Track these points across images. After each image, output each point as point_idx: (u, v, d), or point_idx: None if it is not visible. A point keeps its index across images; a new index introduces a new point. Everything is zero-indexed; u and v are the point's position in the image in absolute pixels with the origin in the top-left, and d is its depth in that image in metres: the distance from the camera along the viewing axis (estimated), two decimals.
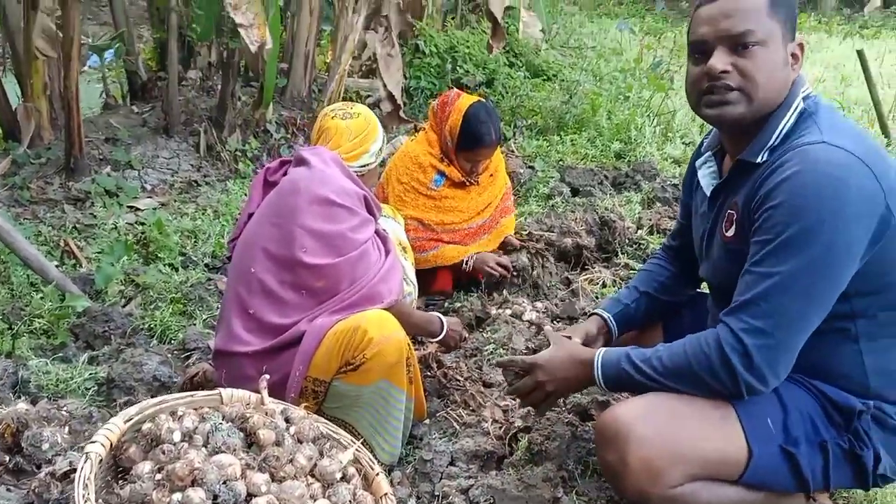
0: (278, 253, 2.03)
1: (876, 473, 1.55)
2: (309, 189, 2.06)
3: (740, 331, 1.44)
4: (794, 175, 1.42)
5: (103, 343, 2.75)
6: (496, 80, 6.77)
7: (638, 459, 1.49)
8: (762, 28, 1.49)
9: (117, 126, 4.99)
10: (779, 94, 1.53)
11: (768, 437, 1.51)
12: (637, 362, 1.58)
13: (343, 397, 1.99)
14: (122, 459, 1.47)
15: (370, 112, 2.39)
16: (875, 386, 1.54)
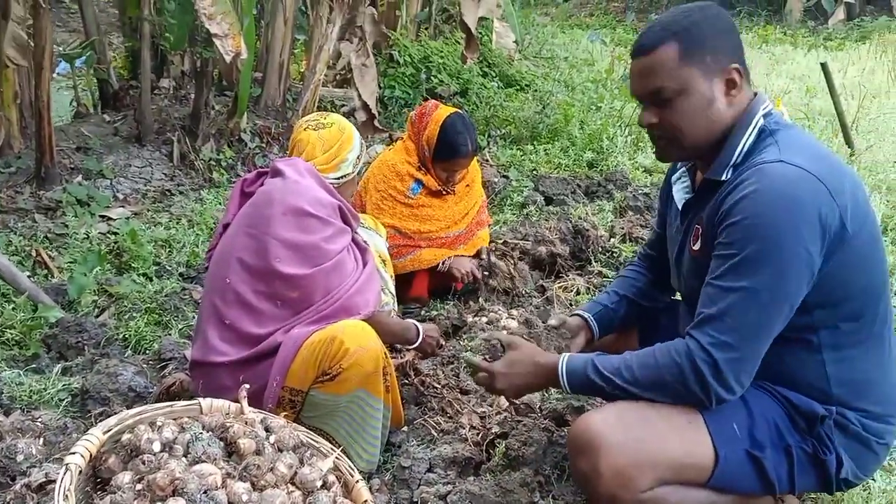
0: (253, 263, 2.04)
1: (839, 478, 1.59)
2: (283, 200, 2.07)
3: (709, 345, 1.49)
4: (752, 193, 1.48)
5: (76, 354, 2.72)
6: (470, 90, 6.83)
7: (609, 467, 1.52)
8: (676, 80, 1.55)
9: (89, 135, 4.95)
10: (715, 128, 1.58)
11: (734, 441, 1.55)
12: (604, 371, 1.61)
13: (320, 406, 2.00)
14: (101, 470, 1.46)
15: (345, 122, 2.39)
16: (837, 394, 1.58)
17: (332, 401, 1.98)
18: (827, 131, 5.56)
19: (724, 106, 1.58)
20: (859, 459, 1.60)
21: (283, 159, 2.26)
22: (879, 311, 1.60)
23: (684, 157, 1.74)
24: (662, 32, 1.57)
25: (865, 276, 1.55)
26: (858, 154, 4.81)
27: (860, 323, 1.57)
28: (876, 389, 1.61)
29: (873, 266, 1.58)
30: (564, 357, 1.70)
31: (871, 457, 1.63)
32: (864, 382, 1.60)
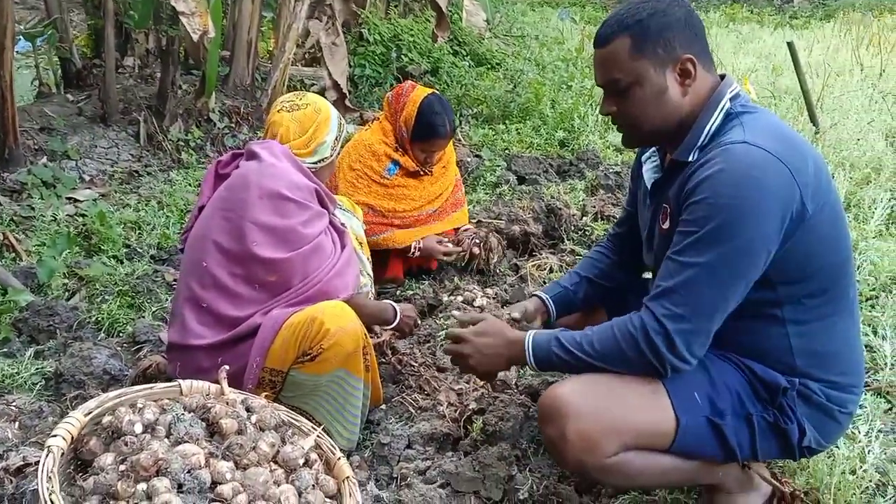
0: (230, 247, 2.03)
1: (801, 446, 1.65)
2: (259, 183, 2.05)
3: (663, 316, 1.54)
4: (715, 173, 1.52)
5: (48, 337, 2.69)
6: (441, 69, 6.81)
7: (575, 433, 1.57)
8: (629, 72, 1.62)
9: (52, 115, 4.84)
10: (671, 115, 1.64)
11: (695, 409, 1.60)
12: (566, 345, 1.66)
13: (300, 386, 2.01)
14: (82, 452, 1.46)
15: (323, 102, 2.35)
16: (801, 365, 1.63)
17: (312, 381, 1.99)
18: (792, 109, 5.65)
19: (678, 95, 1.63)
20: (822, 428, 1.66)
21: (259, 142, 2.23)
22: (843, 286, 1.65)
23: (645, 143, 1.80)
24: (616, 26, 1.63)
25: (828, 253, 1.60)
26: (823, 132, 4.90)
27: (824, 298, 1.62)
28: (839, 361, 1.66)
29: (836, 244, 1.62)
30: (531, 333, 1.75)
31: (834, 426, 1.68)
32: (828, 354, 1.65)
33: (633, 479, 1.68)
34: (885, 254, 3.21)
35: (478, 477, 1.88)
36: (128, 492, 1.32)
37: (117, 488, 1.32)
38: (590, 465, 1.59)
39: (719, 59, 7.31)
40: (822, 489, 1.91)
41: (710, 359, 1.65)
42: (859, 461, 1.99)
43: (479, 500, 1.86)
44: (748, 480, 1.78)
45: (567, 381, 1.67)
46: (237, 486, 1.41)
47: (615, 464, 1.59)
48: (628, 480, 1.72)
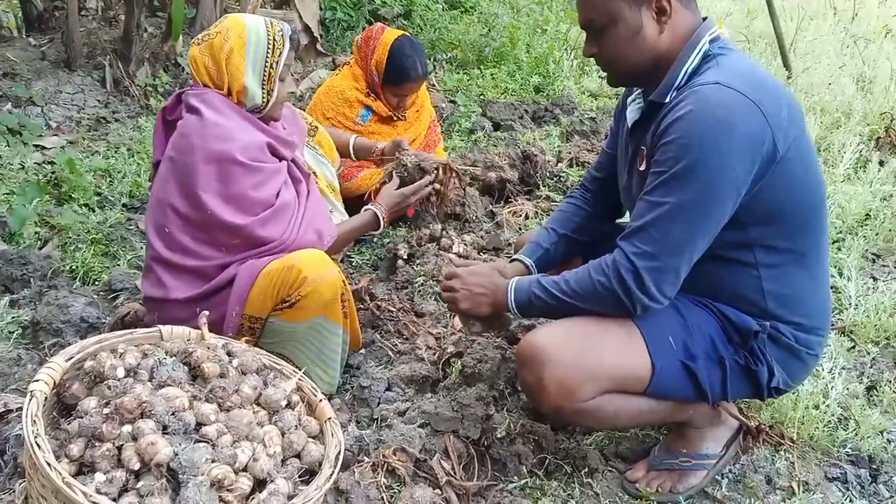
0: (188, 213, 1.96)
1: (770, 386, 1.71)
2: (203, 147, 1.93)
3: (632, 254, 1.57)
4: (686, 114, 1.53)
5: (22, 286, 2.66)
6: (414, 12, 6.66)
7: (552, 379, 1.61)
8: (604, 12, 1.63)
9: (14, 59, 4.68)
10: (646, 54, 1.64)
11: (669, 353, 1.65)
12: (545, 286, 1.70)
13: (280, 333, 2.02)
14: (65, 397, 1.47)
15: (243, 25, 2.01)
16: (772, 308, 1.68)
17: (291, 327, 2.00)
18: (766, 53, 5.66)
19: (654, 33, 1.63)
20: (789, 369, 1.72)
21: (194, 90, 2.02)
22: (814, 231, 1.69)
23: (626, 83, 1.80)
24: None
25: (798, 196, 1.62)
26: (795, 76, 4.93)
27: (795, 242, 1.66)
28: (808, 304, 1.72)
29: (807, 188, 1.64)
30: (514, 279, 1.80)
31: (801, 366, 1.74)
32: (798, 298, 1.70)
33: (608, 421, 1.74)
34: (852, 197, 3.29)
35: (456, 417, 1.92)
36: (113, 433, 1.34)
37: (102, 430, 1.34)
38: (566, 410, 1.64)
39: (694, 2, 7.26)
40: (787, 423, 2.00)
41: (685, 304, 1.69)
42: (822, 397, 2.08)
43: (458, 438, 1.91)
44: (716, 416, 1.85)
45: (544, 327, 1.70)
46: (221, 427, 1.43)
47: (591, 408, 1.64)
48: (603, 422, 1.78)
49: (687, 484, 1.83)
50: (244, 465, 1.41)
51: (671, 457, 1.84)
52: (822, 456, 1.96)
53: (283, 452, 1.51)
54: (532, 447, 1.93)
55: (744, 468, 1.89)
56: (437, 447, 1.87)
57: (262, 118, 2.08)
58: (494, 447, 1.92)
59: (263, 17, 2.06)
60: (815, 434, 1.99)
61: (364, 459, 1.79)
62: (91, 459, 1.33)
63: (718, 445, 1.86)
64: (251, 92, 2.02)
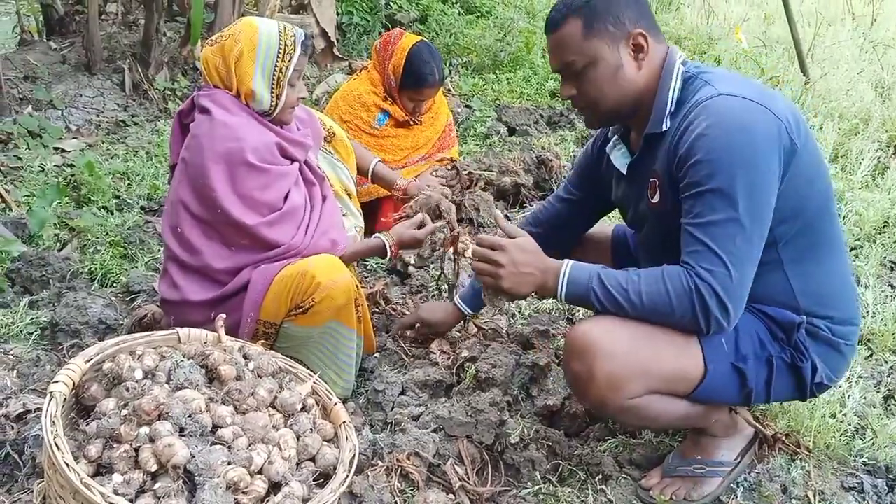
0: (200, 213, 1.98)
1: (814, 382, 1.70)
2: (212, 147, 1.94)
3: (709, 277, 1.53)
4: (705, 130, 1.53)
5: (41, 288, 2.70)
6: (430, 17, 6.70)
7: (603, 372, 1.59)
8: (583, 54, 1.65)
9: (36, 63, 4.75)
10: (628, 91, 1.67)
11: (722, 355, 1.64)
12: (609, 287, 1.62)
13: (294, 338, 2.03)
14: (84, 398, 1.49)
15: (255, 28, 2.00)
16: (804, 305, 1.68)
17: (305, 332, 2.01)
18: (784, 59, 5.63)
19: (633, 70, 1.67)
20: (830, 363, 1.71)
21: (205, 92, 2.04)
22: (827, 222, 1.71)
23: (607, 122, 1.83)
24: (565, 9, 1.66)
25: (813, 188, 1.64)
26: (813, 82, 4.89)
27: (814, 236, 1.67)
28: (837, 297, 1.72)
29: (819, 180, 1.67)
30: (569, 263, 1.69)
31: (840, 358, 1.74)
32: (826, 292, 1.71)
33: (647, 420, 1.75)
34: (870, 204, 3.26)
35: (470, 422, 1.93)
36: (131, 435, 1.35)
37: (120, 431, 1.36)
38: (611, 405, 1.63)
39: (710, 7, 7.24)
40: (803, 432, 1.98)
41: None
42: (839, 406, 2.06)
43: (472, 443, 1.91)
44: (733, 425, 1.85)
45: (599, 318, 1.67)
46: (237, 430, 1.44)
47: (635, 405, 1.64)
48: (643, 421, 1.78)
49: (701, 491, 1.82)
50: (259, 467, 1.42)
51: (686, 464, 1.84)
52: (839, 465, 1.95)
53: (297, 456, 1.52)
54: (546, 453, 1.93)
55: (759, 477, 1.87)
56: (451, 452, 1.88)
57: (271, 121, 2.07)
58: (508, 453, 1.92)
59: (278, 22, 2.07)
60: (831, 443, 1.98)
61: (378, 463, 1.80)
62: (109, 461, 1.35)
63: (733, 453, 1.85)
64: (259, 95, 2.02)
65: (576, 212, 2.13)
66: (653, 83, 1.68)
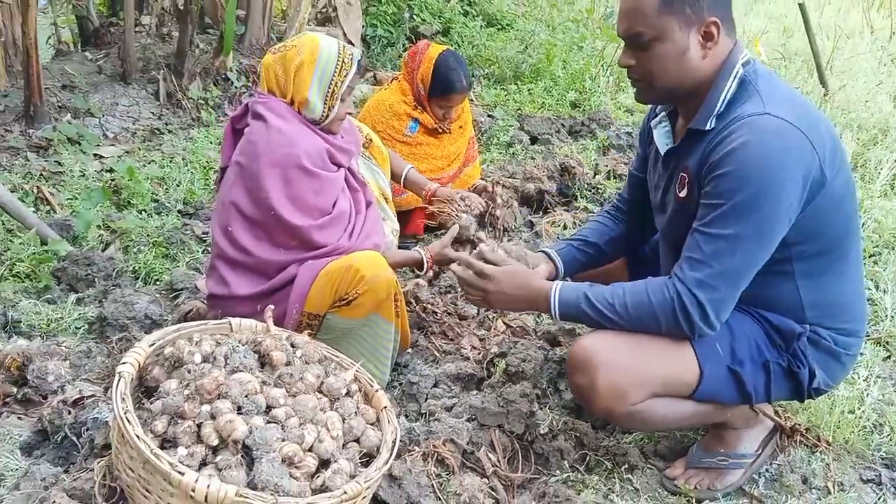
0: (251, 213, 2.09)
1: (811, 387, 1.78)
2: (268, 153, 2.05)
3: (696, 286, 1.62)
4: (741, 146, 1.58)
5: (87, 286, 2.82)
6: (452, 29, 6.83)
7: (605, 383, 1.68)
8: (653, 27, 1.64)
9: (73, 73, 4.92)
10: (687, 76, 1.68)
11: (717, 358, 1.72)
12: (596, 304, 1.72)
13: (336, 329, 2.14)
14: (146, 380, 1.60)
15: (317, 43, 2.14)
16: (811, 316, 1.75)
17: (347, 324, 2.12)
18: (802, 72, 5.70)
19: (698, 57, 1.67)
20: (829, 370, 1.78)
21: (260, 99, 2.16)
22: (849, 242, 1.75)
23: (657, 101, 1.84)
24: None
25: (839, 215, 1.69)
26: (832, 94, 4.96)
27: (831, 255, 1.73)
28: (845, 310, 1.78)
29: (846, 205, 1.71)
30: (557, 285, 1.80)
31: (840, 367, 1.81)
32: (835, 305, 1.77)
33: (656, 423, 1.82)
34: (888, 212, 3.33)
35: (502, 412, 2.02)
36: (194, 412, 1.46)
37: (184, 409, 1.46)
38: (617, 413, 1.72)
39: None
40: (822, 427, 2.05)
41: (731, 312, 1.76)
42: (858, 402, 2.13)
43: (503, 433, 2.00)
44: (753, 417, 1.92)
45: (596, 333, 1.77)
46: (289, 410, 1.54)
47: (640, 411, 1.72)
48: (650, 425, 1.86)
49: (725, 482, 1.89)
50: (310, 445, 1.52)
51: (709, 456, 1.91)
52: (857, 459, 2.01)
53: (343, 437, 1.61)
54: (573, 444, 2.02)
55: (780, 468, 1.94)
56: (484, 440, 1.97)
57: (320, 129, 2.19)
58: (538, 442, 2.01)
59: (337, 41, 2.19)
60: (850, 438, 2.04)
61: (415, 449, 1.89)
62: (173, 435, 1.45)
63: (755, 445, 1.92)
64: (312, 105, 2.14)
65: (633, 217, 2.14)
66: (712, 75, 1.68)
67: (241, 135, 2.17)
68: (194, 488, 1.32)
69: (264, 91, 2.19)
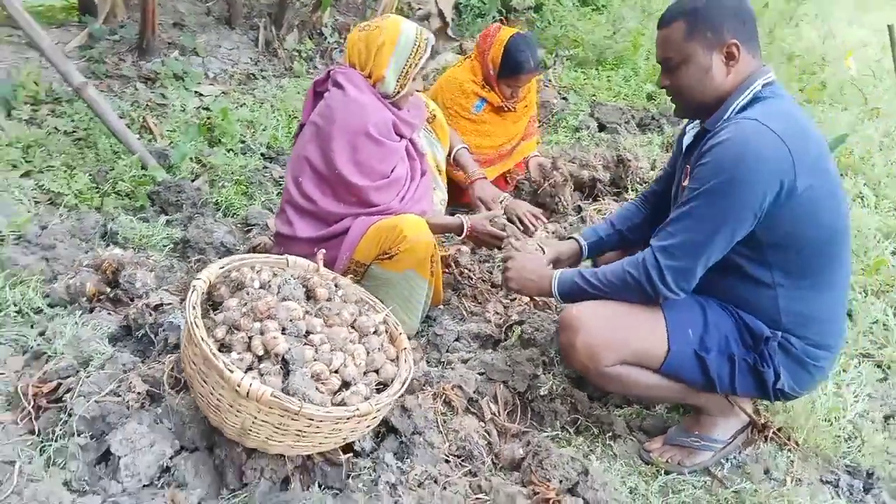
0: (321, 169, 2.40)
1: (776, 388, 1.98)
2: (343, 119, 2.34)
3: (658, 252, 1.90)
4: (724, 141, 1.82)
5: (176, 210, 3.22)
6: (545, 6, 6.91)
7: (582, 343, 1.97)
8: (680, 53, 1.93)
9: (183, 12, 5.33)
10: (710, 91, 1.93)
11: (686, 341, 1.96)
12: (586, 276, 2.05)
13: (377, 278, 2.45)
14: (214, 296, 1.95)
15: (395, 27, 2.40)
16: (786, 323, 1.95)
17: (387, 275, 2.43)
18: (891, 91, 5.62)
19: (722, 74, 1.92)
20: (796, 377, 1.99)
21: (341, 69, 2.44)
22: (830, 263, 1.93)
23: (691, 115, 2.08)
24: (675, 11, 1.94)
25: (814, 229, 1.88)
26: None
27: (810, 268, 1.91)
28: (820, 324, 1.97)
29: (822, 223, 1.88)
30: (559, 271, 2.16)
31: (807, 376, 2.01)
32: (811, 317, 1.96)
33: (626, 387, 2.08)
34: None
35: (508, 370, 2.30)
36: (247, 326, 1.80)
37: (240, 322, 1.80)
38: (591, 370, 2.00)
39: (829, 27, 7.17)
40: (797, 429, 2.25)
41: (711, 305, 2.00)
42: (839, 414, 2.31)
43: (507, 389, 2.29)
44: (729, 407, 2.14)
45: (585, 302, 2.05)
46: (324, 338, 1.87)
47: (612, 372, 1.99)
48: (622, 388, 2.11)
49: (694, 461, 2.14)
50: (336, 368, 1.84)
51: (685, 436, 2.15)
52: (823, 462, 2.20)
53: (365, 366, 1.93)
54: (568, 408, 2.29)
55: (747, 458, 2.17)
56: (488, 392, 2.26)
57: (390, 103, 2.48)
58: (536, 402, 2.28)
59: (416, 25, 2.48)
60: (821, 443, 2.23)
61: (427, 389, 2.20)
62: (229, 342, 1.80)
63: (727, 433, 2.15)
64: (387, 81, 2.43)
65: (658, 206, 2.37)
66: (732, 90, 1.94)
67: (321, 97, 2.47)
68: (240, 384, 1.65)
69: (346, 63, 2.49)
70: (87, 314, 2.41)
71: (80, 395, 1.98)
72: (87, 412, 1.93)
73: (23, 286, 2.47)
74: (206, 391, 1.76)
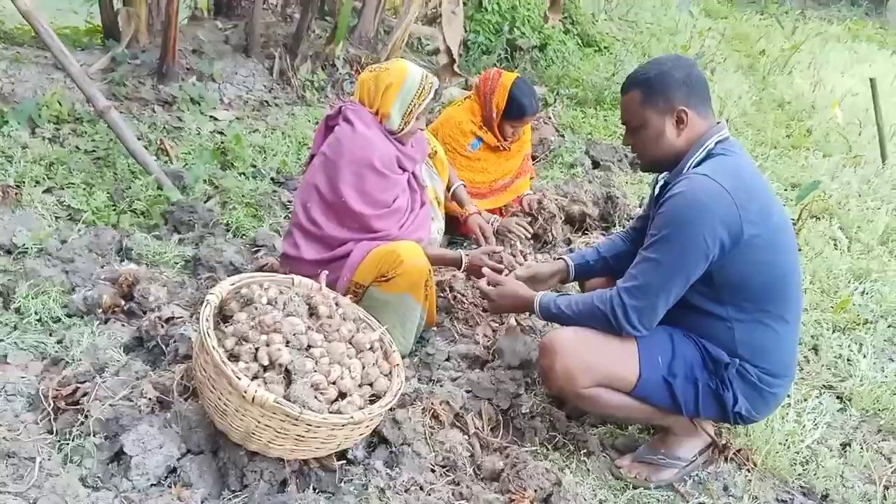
0: (327, 197, 2.62)
1: (734, 411, 2.17)
2: (350, 152, 2.57)
3: (623, 292, 2.10)
4: (676, 194, 2.04)
5: (188, 229, 3.42)
6: (549, 46, 7.19)
7: (560, 366, 2.15)
8: (638, 117, 2.17)
9: (203, 39, 5.57)
10: (666, 151, 2.16)
11: (655, 368, 2.15)
12: (560, 305, 2.26)
13: (375, 299, 2.64)
14: (224, 309, 2.14)
15: (402, 71, 2.64)
16: (742, 352, 2.14)
17: (384, 296, 2.62)
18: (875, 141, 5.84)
19: (673, 135, 2.15)
20: (752, 401, 2.17)
21: (351, 106, 2.66)
22: (780, 303, 2.13)
23: (651, 169, 2.33)
24: (632, 81, 2.18)
25: (763, 272, 2.08)
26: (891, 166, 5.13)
27: (762, 305, 2.11)
28: (773, 354, 2.16)
29: (771, 268, 2.09)
30: (539, 295, 2.35)
31: (762, 402, 2.19)
32: (764, 348, 2.15)
33: (600, 408, 2.26)
34: None
35: (493, 388, 2.49)
36: (254, 338, 1.99)
37: (248, 334, 2.00)
38: (568, 392, 2.19)
39: (820, 77, 7.43)
40: (755, 450, 2.43)
41: (678, 336, 2.19)
42: (797, 439, 2.49)
43: (491, 405, 2.47)
44: (693, 429, 2.32)
45: (563, 329, 2.25)
46: (324, 351, 2.06)
47: (587, 394, 2.17)
48: (596, 408, 2.29)
49: (659, 477, 2.31)
50: (334, 380, 2.03)
51: (652, 453, 2.33)
52: (779, 482, 2.37)
53: (361, 379, 2.12)
54: (546, 425, 2.47)
55: (708, 476, 2.34)
56: (474, 408, 2.44)
57: (395, 138, 2.71)
58: (518, 419, 2.47)
59: (422, 70, 2.72)
60: (777, 465, 2.40)
61: (417, 404, 2.38)
62: (238, 352, 1.99)
63: (692, 452, 2.33)
64: (393, 119, 2.67)
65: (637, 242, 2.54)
66: (685, 148, 2.16)
67: (331, 131, 2.71)
68: (246, 391, 1.84)
69: (356, 100, 2.72)
70: (102, 324, 2.61)
71: (95, 399, 2.16)
72: (103, 414, 2.11)
73: (44, 296, 2.66)
74: (214, 396, 1.95)
